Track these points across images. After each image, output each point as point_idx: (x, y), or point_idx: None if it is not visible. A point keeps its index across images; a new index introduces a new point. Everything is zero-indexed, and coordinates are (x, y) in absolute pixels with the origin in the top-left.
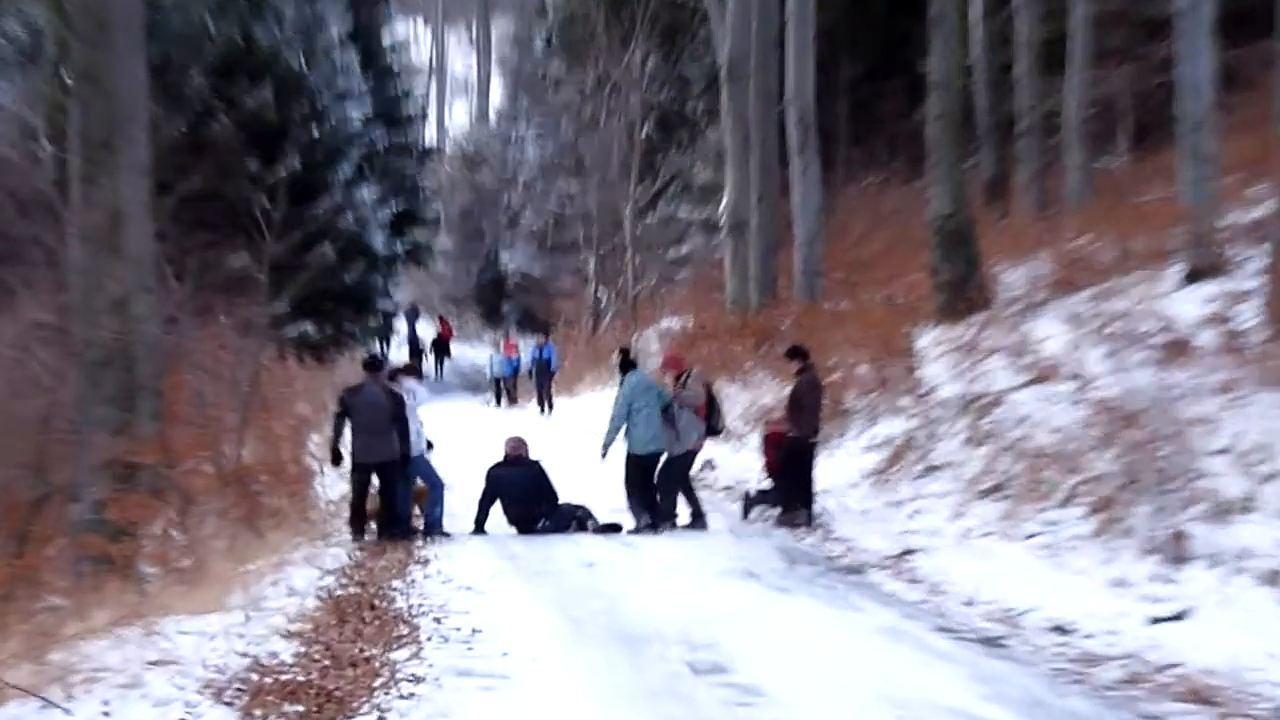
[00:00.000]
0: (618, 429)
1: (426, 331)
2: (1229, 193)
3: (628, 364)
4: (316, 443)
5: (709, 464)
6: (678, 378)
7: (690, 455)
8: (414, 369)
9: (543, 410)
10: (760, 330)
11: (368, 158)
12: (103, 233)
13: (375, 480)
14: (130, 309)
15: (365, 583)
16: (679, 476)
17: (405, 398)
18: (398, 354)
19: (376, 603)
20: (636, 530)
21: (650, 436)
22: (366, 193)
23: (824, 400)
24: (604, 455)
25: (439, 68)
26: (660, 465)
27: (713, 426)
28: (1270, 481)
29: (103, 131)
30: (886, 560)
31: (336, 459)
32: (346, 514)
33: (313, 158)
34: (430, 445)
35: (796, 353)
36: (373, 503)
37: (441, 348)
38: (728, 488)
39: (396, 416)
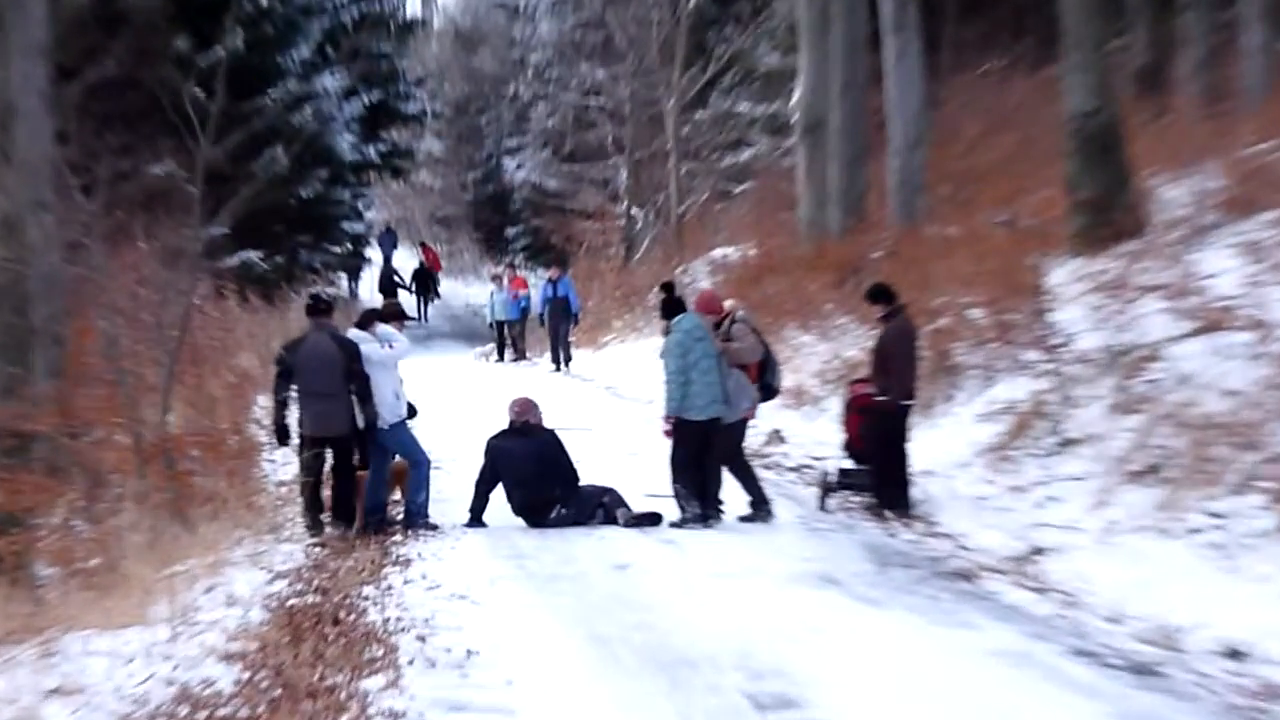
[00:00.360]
0: (682, 389)
1: (407, 262)
2: None
3: (674, 305)
4: (263, 406)
5: (776, 435)
6: (718, 325)
7: (742, 425)
8: (395, 311)
9: (558, 365)
10: (843, 262)
11: (331, 35)
12: None
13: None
14: (22, 232)
15: (327, 589)
16: (728, 452)
17: (377, 349)
18: (373, 298)
19: (342, 615)
20: (682, 522)
21: (710, 398)
22: (330, 81)
23: (919, 353)
24: (668, 429)
25: None
26: None
27: (768, 386)
28: None
29: None
30: (1007, 562)
31: (283, 437)
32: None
33: (260, 35)
34: (412, 411)
35: (880, 293)
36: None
37: (426, 283)
38: (801, 467)
39: (352, 374)
